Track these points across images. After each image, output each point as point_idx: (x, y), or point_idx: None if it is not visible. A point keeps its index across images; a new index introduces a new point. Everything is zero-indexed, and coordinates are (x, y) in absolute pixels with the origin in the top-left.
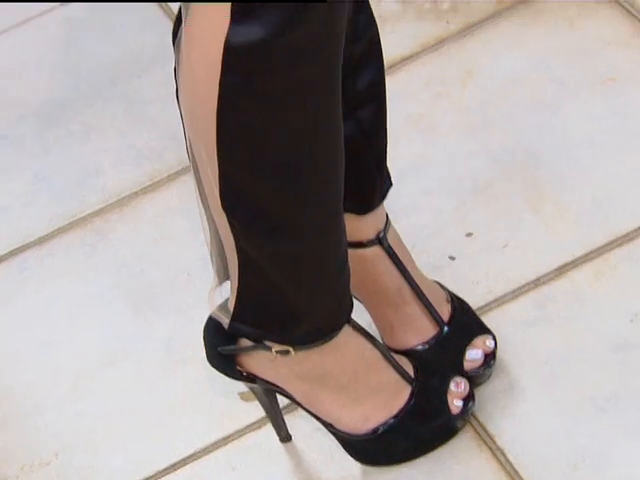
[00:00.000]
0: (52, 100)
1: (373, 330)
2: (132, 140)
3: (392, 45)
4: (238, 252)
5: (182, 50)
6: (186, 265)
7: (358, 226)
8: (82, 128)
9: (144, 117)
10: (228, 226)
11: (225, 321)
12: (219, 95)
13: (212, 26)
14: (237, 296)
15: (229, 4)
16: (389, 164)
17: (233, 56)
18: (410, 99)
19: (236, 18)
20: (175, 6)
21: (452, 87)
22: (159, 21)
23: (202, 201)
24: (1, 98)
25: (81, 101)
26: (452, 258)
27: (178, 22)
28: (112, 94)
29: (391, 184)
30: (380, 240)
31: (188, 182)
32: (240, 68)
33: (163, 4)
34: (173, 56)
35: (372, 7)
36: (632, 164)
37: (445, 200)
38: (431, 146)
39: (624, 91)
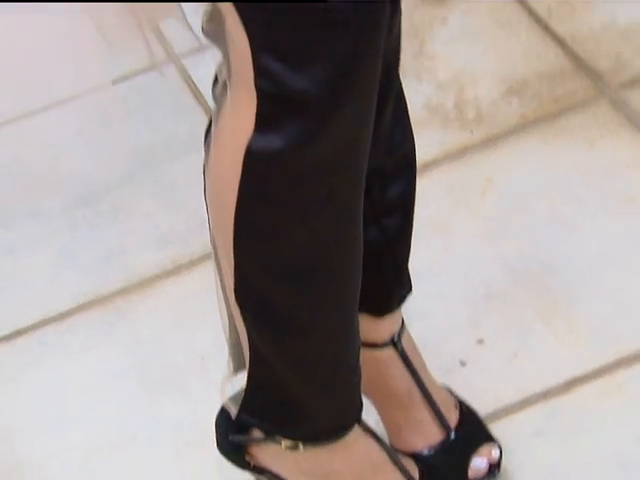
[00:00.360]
0: (84, 179)
1: (380, 428)
2: (159, 223)
3: (417, 150)
4: (250, 345)
5: (211, 150)
6: (201, 350)
7: (373, 327)
8: (111, 208)
9: (172, 201)
10: (242, 319)
11: (234, 411)
12: (238, 197)
13: (238, 131)
14: (246, 387)
15: (254, 111)
16: None
17: (253, 162)
18: (431, 204)
19: (258, 126)
20: (209, 96)
21: (472, 195)
22: (193, 110)
23: (222, 290)
24: (36, 174)
25: (112, 182)
26: (463, 363)
27: (210, 124)
28: (143, 177)
29: (410, 290)
30: (394, 343)
31: (210, 268)
32: (258, 174)
33: (198, 94)
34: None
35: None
36: None
37: (459, 305)
38: (449, 251)
39: None
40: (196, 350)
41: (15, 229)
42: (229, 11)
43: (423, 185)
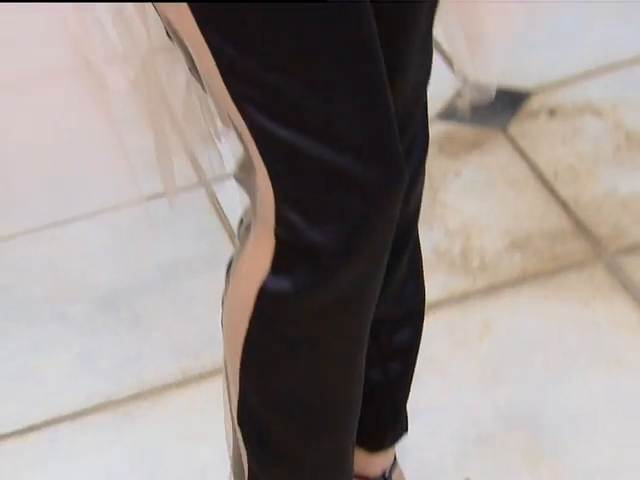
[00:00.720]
0: (108, 287)
1: None
2: (174, 334)
3: None
4: (247, 465)
5: (230, 282)
6: (203, 463)
7: (366, 461)
8: (130, 316)
9: (189, 315)
10: (241, 440)
11: None
12: (247, 330)
13: (255, 270)
14: None
15: (271, 255)
16: None
17: (264, 300)
18: (431, 344)
19: (273, 269)
20: (234, 220)
21: (470, 339)
22: (217, 232)
23: (230, 407)
24: (64, 278)
25: (134, 292)
26: None
27: (232, 259)
28: (163, 290)
29: (406, 430)
30: (385, 478)
31: (217, 383)
32: (268, 312)
33: (223, 218)
34: (225, 263)
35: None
36: (630, 443)
37: (449, 444)
38: (444, 390)
39: (630, 374)
40: (199, 462)
41: (40, 328)
42: (259, 164)
43: (425, 324)
